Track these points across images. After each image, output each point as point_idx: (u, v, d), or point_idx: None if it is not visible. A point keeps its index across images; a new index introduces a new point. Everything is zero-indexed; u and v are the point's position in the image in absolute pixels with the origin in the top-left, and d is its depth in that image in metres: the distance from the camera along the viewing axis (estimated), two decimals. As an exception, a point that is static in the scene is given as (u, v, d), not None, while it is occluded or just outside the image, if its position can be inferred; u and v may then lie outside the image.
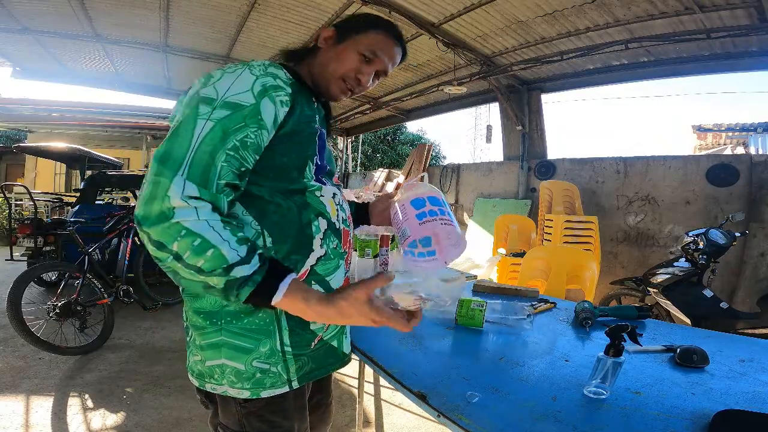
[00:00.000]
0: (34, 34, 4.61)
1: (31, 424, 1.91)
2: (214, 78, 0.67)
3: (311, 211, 0.74)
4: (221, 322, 0.72)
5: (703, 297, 2.56)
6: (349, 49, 0.80)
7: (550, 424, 0.71)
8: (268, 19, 4.19)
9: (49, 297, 3.13)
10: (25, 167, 10.92)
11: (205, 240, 0.57)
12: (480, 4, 3.38)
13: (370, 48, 0.80)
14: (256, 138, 0.65)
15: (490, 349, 1.05)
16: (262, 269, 0.60)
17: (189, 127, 0.61)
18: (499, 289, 1.63)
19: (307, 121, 0.74)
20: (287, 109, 0.69)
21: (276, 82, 0.68)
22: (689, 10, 3.02)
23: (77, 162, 6.23)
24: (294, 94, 0.71)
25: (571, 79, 4.75)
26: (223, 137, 0.61)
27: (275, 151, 0.69)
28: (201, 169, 0.59)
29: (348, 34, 0.81)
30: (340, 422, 2.10)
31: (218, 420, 0.79)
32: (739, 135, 7.40)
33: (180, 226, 0.56)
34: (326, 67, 0.81)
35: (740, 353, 1.03)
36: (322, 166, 0.77)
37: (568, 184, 4.35)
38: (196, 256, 0.57)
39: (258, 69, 0.68)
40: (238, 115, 0.63)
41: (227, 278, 0.58)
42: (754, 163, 3.63)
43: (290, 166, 0.71)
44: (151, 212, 0.57)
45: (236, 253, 0.58)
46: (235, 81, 0.66)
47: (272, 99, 0.66)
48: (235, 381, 0.72)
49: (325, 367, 0.82)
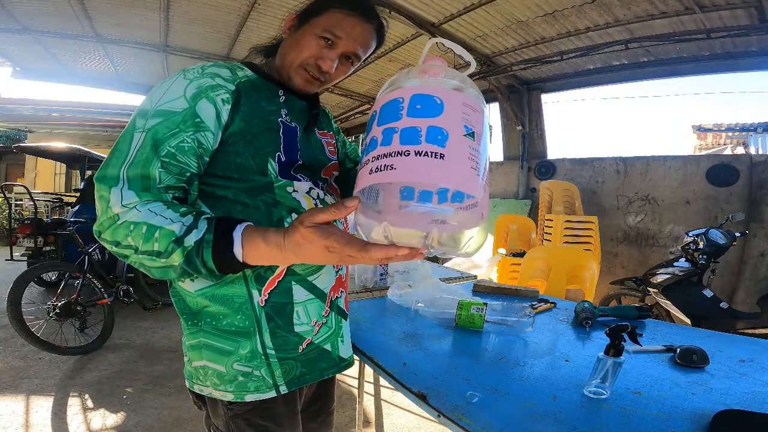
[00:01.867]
0: (34, 34, 4.61)
1: (31, 424, 1.91)
2: (151, 91, 0.66)
3: (282, 208, 0.71)
4: (201, 323, 0.72)
5: (703, 297, 2.56)
6: (307, 34, 0.74)
7: (550, 424, 0.71)
8: (268, 19, 4.18)
9: (49, 297, 3.14)
10: (25, 167, 10.90)
11: (150, 225, 0.57)
12: (480, 4, 3.38)
13: (329, 29, 0.72)
14: (193, 142, 0.63)
15: (490, 349, 1.05)
16: (210, 227, 0.58)
17: (126, 142, 0.62)
18: (499, 289, 1.62)
19: (263, 116, 0.71)
20: (230, 107, 0.67)
21: (215, 81, 0.67)
22: (689, 10, 3.02)
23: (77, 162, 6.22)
24: (240, 91, 0.69)
25: (571, 79, 4.74)
26: (155, 146, 0.61)
27: (229, 152, 0.68)
28: (138, 178, 0.60)
29: (306, 18, 0.75)
30: (340, 422, 2.10)
31: (212, 421, 0.78)
32: (739, 135, 7.40)
33: (127, 223, 0.58)
34: (286, 56, 0.76)
35: (740, 353, 1.03)
36: (291, 160, 0.73)
37: (568, 184, 4.35)
38: (147, 242, 0.57)
39: (193, 72, 0.67)
40: (169, 122, 0.62)
41: (183, 249, 0.57)
42: (754, 163, 3.63)
43: (247, 166, 0.69)
44: (101, 224, 0.60)
45: (181, 224, 0.58)
46: (168, 89, 0.65)
47: (211, 99, 0.65)
48: (218, 383, 0.72)
49: (318, 372, 0.79)
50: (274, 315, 0.72)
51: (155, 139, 0.61)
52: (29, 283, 2.65)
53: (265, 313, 0.72)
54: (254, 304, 0.71)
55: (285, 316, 0.73)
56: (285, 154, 0.72)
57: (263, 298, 0.72)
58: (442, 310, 1.26)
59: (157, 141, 0.61)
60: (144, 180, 0.60)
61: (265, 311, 0.72)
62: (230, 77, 0.69)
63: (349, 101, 6.58)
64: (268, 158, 0.70)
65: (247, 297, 0.71)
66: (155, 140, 0.61)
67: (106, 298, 2.88)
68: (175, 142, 0.62)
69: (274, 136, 0.71)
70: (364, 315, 1.30)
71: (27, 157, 9.88)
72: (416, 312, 1.31)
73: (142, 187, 0.60)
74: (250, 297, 0.71)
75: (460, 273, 1.95)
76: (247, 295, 0.71)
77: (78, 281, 2.81)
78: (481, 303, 1.19)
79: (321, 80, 0.76)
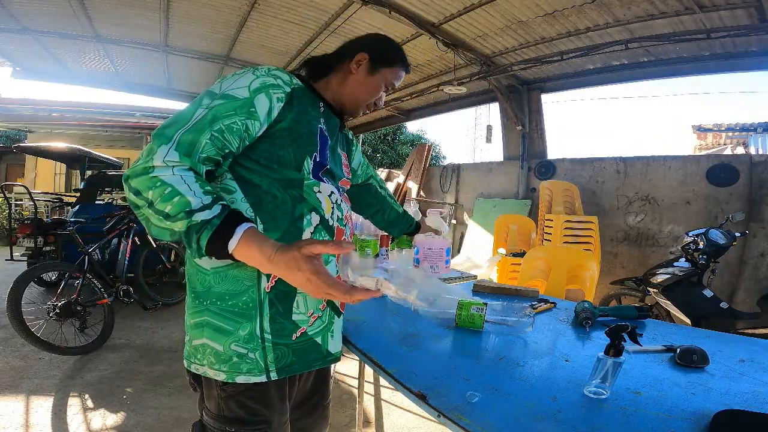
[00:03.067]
0: (34, 34, 4.61)
1: (31, 424, 1.91)
2: (223, 78, 0.77)
3: (305, 205, 0.79)
4: (207, 302, 0.77)
5: (703, 297, 2.56)
6: (379, 81, 0.91)
7: (550, 424, 0.71)
8: (268, 19, 4.19)
9: (49, 297, 3.13)
10: (25, 167, 10.90)
11: (174, 189, 0.63)
12: (480, 4, 3.38)
13: (393, 81, 0.93)
14: (242, 126, 0.72)
15: (490, 349, 1.05)
16: (221, 215, 0.63)
17: (190, 111, 0.71)
18: (499, 289, 1.62)
19: (309, 120, 0.81)
20: (283, 105, 0.77)
21: (276, 81, 0.77)
22: (689, 10, 3.02)
23: (77, 162, 6.22)
24: (293, 94, 0.79)
25: (571, 79, 4.75)
26: (212, 120, 0.70)
27: (275, 144, 0.77)
28: (187, 143, 0.67)
29: (379, 65, 0.91)
30: (340, 422, 2.10)
31: (204, 404, 0.81)
32: (739, 135, 7.40)
33: (156, 178, 0.64)
34: (357, 93, 0.91)
35: (740, 353, 1.03)
36: (322, 163, 0.83)
37: (568, 184, 4.35)
38: (164, 202, 0.63)
39: (261, 71, 0.77)
40: (229, 105, 0.71)
41: (189, 222, 0.62)
42: (754, 163, 3.63)
43: (288, 159, 0.77)
44: (136, 168, 0.65)
45: (200, 201, 0.63)
46: (237, 79, 0.75)
47: (268, 95, 0.75)
48: (213, 362, 0.76)
49: (307, 363, 0.83)
50: (277, 301, 0.78)
51: (215, 115, 0.70)
52: (29, 283, 2.65)
53: (269, 299, 0.77)
54: (261, 288, 0.76)
55: (286, 304, 0.79)
56: (320, 156, 0.82)
57: (270, 284, 0.77)
58: (442, 310, 1.26)
59: (215, 117, 0.70)
60: (191, 146, 0.67)
61: (269, 297, 0.77)
62: (288, 81, 0.80)
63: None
64: (306, 156, 0.80)
65: (255, 281, 0.76)
66: (214, 116, 0.70)
67: (106, 298, 2.88)
68: (228, 122, 0.71)
69: (314, 138, 0.82)
70: (364, 315, 1.29)
71: (27, 157, 9.88)
72: (416, 312, 1.31)
73: (186, 151, 0.66)
74: (258, 281, 0.76)
75: (460, 273, 1.94)
76: (256, 279, 0.76)
77: (78, 281, 2.81)
78: (481, 303, 1.19)
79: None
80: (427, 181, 6.83)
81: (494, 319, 1.21)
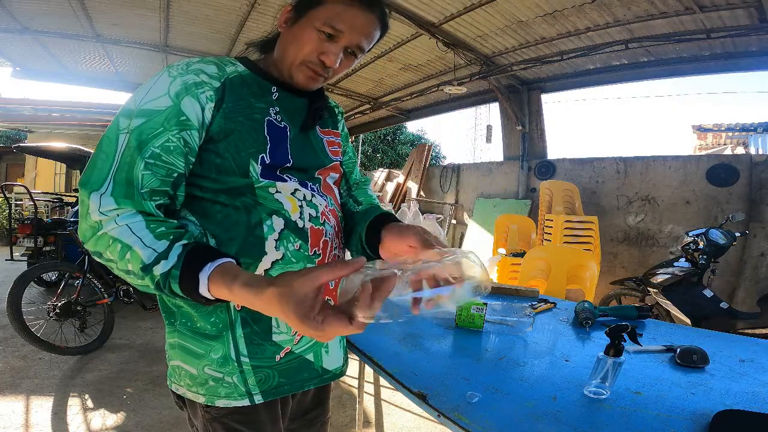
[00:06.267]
0: (34, 34, 4.61)
1: (31, 424, 1.91)
2: (136, 90, 0.64)
3: (262, 210, 0.67)
4: (177, 323, 0.70)
5: (703, 297, 2.56)
6: (306, 27, 0.68)
7: (550, 424, 0.71)
8: (268, 19, 4.18)
9: (49, 297, 3.13)
10: (25, 167, 10.90)
11: (123, 244, 0.54)
12: (480, 4, 3.38)
13: (329, 21, 0.67)
14: (179, 141, 0.61)
15: (490, 349, 1.05)
16: (179, 262, 0.53)
17: (110, 141, 0.60)
18: (499, 289, 1.62)
19: (249, 115, 0.68)
20: (213, 105, 0.64)
21: (199, 78, 0.64)
22: (689, 10, 3.02)
23: (77, 162, 6.20)
24: (225, 88, 0.66)
25: (571, 79, 4.75)
26: (139, 146, 0.59)
27: (210, 150, 0.65)
28: (123, 184, 0.57)
29: (303, 10, 0.69)
30: (340, 422, 2.10)
31: (193, 422, 0.76)
32: (739, 135, 7.40)
33: (106, 235, 0.56)
34: (285, 53, 0.71)
35: (740, 353, 1.03)
36: (275, 164, 0.69)
37: (568, 184, 4.35)
38: (122, 260, 0.55)
39: (177, 69, 0.65)
40: (153, 121, 0.60)
41: (152, 277, 0.54)
42: (754, 163, 3.63)
43: (228, 167, 0.65)
44: (84, 233, 0.58)
45: (152, 251, 0.54)
46: (152, 87, 0.63)
47: (195, 96, 0.63)
48: (190, 384, 0.69)
49: (299, 383, 0.74)
50: (251, 321, 0.68)
51: (139, 140, 0.59)
52: (29, 283, 2.65)
53: (241, 318, 0.67)
54: (230, 307, 0.67)
55: (263, 323, 0.69)
56: (270, 156, 0.68)
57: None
58: (443, 310, 1.26)
59: (141, 142, 0.59)
60: (127, 185, 0.57)
61: (240, 316, 0.67)
62: (216, 74, 0.66)
63: (349, 101, 6.58)
64: (250, 160, 0.66)
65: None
66: (139, 141, 0.59)
67: (106, 298, 2.87)
68: (160, 141, 0.59)
69: (259, 136, 0.68)
70: (364, 315, 1.30)
71: (27, 157, 9.87)
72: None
73: (124, 193, 0.57)
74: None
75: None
76: None
77: (78, 281, 2.81)
78: (481, 303, 1.19)
79: (324, 76, 0.72)
80: (427, 181, 6.83)
81: (494, 319, 1.21)
